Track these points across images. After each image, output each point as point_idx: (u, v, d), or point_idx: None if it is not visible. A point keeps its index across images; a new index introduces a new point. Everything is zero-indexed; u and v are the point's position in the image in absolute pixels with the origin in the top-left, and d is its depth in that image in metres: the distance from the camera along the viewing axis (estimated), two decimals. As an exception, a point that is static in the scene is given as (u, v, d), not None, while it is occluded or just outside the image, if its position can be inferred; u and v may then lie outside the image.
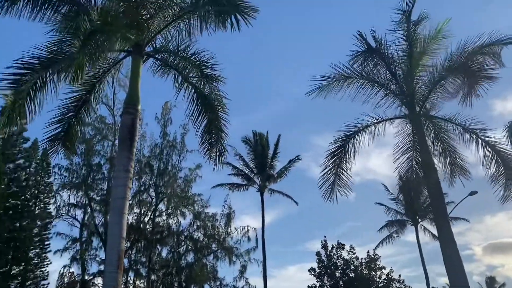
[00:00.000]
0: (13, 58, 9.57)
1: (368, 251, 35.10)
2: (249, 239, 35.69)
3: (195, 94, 12.99)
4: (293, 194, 40.89)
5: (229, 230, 35.59)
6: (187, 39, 12.65)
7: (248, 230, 35.91)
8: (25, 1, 10.76)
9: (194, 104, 13.00)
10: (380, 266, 34.30)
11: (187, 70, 13.14)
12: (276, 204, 65.84)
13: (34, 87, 9.30)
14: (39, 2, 10.93)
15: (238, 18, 11.36)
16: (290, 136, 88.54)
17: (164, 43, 13.02)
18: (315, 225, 74.21)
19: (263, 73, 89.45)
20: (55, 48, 9.75)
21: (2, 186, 35.53)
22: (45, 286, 37.83)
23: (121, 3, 11.49)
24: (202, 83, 13.03)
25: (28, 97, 9.13)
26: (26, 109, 9.21)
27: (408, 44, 14.42)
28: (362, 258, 34.25)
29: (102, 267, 32.84)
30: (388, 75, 14.87)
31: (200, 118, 12.95)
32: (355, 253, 34.57)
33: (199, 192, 36.54)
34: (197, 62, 12.89)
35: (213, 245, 35.30)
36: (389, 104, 14.95)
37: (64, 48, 9.64)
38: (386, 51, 14.64)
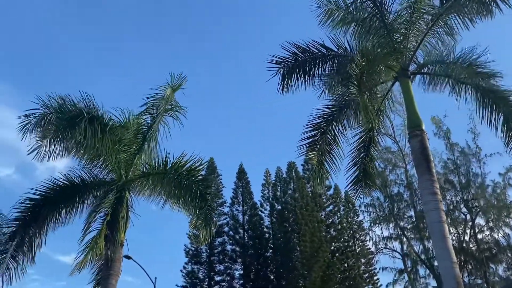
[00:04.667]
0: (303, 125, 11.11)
1: None
2: None
3: (478, 93, 11.74)
4: None
5: None
6: (450, 42, 11.86)
7: None
8: (296, 77, 12.39)
9: (481, 104, 11.70)
10: None
11: (459, 72, 12.14)
12: None
13: (326, 142, 10.48)
14: (307, 70, 12.43)
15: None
16: None
17: (426, 55, 12.60)
18: None
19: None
20: (332, 103, 10.84)
21: (323, 233, 40.11)
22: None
23: (374, 37, 11.90)
24: (482, 79, 11.74)
25: (326, 152, 10.33)
26: (327, 163, 10.41)
27: None
28: None
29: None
30: None
31: (493, 115, 11.50)
32: None
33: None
34: (467, 61, 11.81)
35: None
36: None
37: (340, 99, 10.59)
38: None
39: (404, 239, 34.19)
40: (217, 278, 40.73)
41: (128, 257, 22.63)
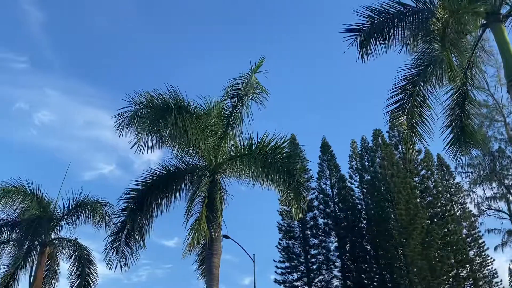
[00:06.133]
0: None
1: None
2: None
3: None
4: None
5: None
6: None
7: None
8: (375, 41, 11.75)
9: None
10: None
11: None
12: None
13: (415, 104, 9.93)
14: (385, 32, 11.76)
15: None
16: None
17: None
18: None
19: None
20: (416, 62, 10.20)
21: (418, 199, 38.49)
22: (498, 283, 36.98)
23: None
24: None
25: (416, 115, 9.81)
26: (418, 126, 9.89)
27: None
28: None
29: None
30: None
31: None
32: None
33: None
34: None
35: None
36: None
37: (424, 57, 9.94)
38: None
39: (511, 198, 31.64)
40: (313, 252, 41.19)
41: (226, 237, 23.62)
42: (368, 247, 40.84)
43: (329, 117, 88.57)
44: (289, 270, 40.53)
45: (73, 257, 17.88)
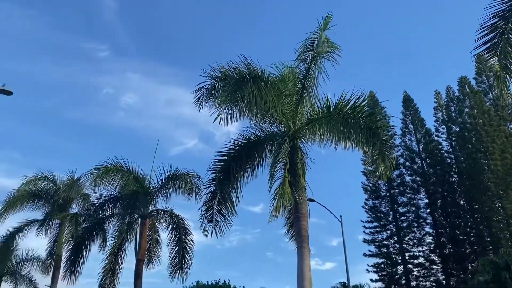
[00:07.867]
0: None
1: None
2: None
3: None
4: None
5: None
6: None
7: None
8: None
9: None
10: None
11: None
12: None
13: (508, 42, 9.00)
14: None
15: None
16: None
17: None
18: None
19: None
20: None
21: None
22: None
23: None
24: None
25: (510, 54, 8.92)
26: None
27: None
28: None
29: None
30: None
31: None
32: None
33: None
34: None
35: None
36: None
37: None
38: None
39: None
40: (401, 210, 40.18)
41: (311, 200, 23.64)
42: (461, 202, 38.86)
43: (407, 71, 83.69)
44: (377, 229, 40.10)
45: (170, 226, 19.28)
